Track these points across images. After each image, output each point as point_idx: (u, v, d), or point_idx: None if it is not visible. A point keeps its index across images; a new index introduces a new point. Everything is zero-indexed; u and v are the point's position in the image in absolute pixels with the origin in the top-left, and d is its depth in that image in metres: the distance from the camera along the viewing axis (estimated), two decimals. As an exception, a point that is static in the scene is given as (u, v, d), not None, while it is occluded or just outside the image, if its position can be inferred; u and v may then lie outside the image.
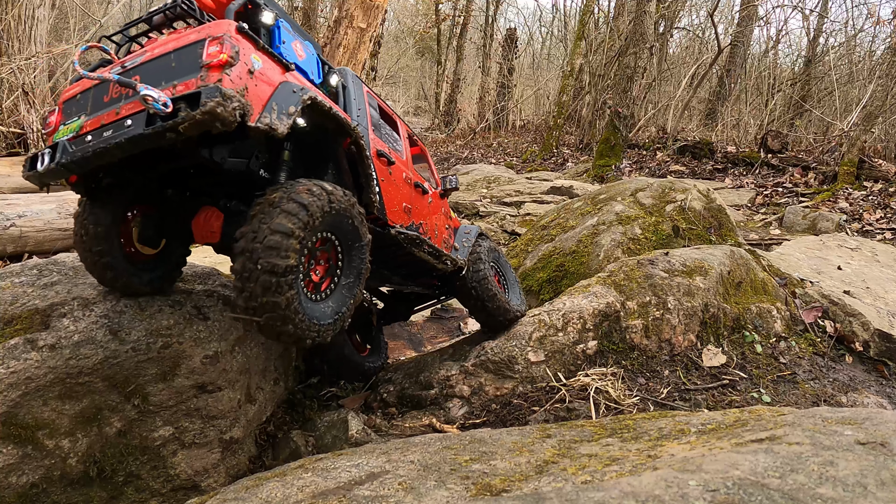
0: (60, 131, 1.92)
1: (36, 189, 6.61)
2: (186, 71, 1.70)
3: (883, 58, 12.76)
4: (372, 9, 6.99)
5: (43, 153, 1.84)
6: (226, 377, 2.29)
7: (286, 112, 1.79)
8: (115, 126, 1.72)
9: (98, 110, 1.84)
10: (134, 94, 1.70)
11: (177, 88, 1.68)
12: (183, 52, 1.74)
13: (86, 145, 1.75)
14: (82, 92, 1.93)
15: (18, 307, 2.05)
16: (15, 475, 1.88)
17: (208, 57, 1.66)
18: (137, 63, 1.84)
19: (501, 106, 22.44)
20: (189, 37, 1.77)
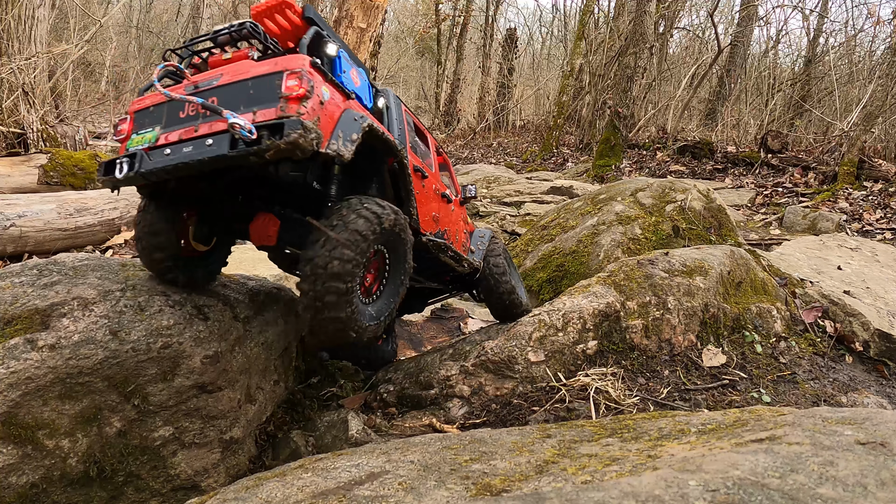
0: (134, 140, 2.06)
1: (35, 189, 6.61)
2: (265, 100, 1.87)
3: (883, 58, 12.76)
4: (372, 9, 6.99)
5: (121, 161, 1.97)
6: (226, 377, 2.29)
7: (350, 139, 1.98)
8: (195, 143, 1.87)
9: (174, 125, 1.98)
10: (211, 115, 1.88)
11: (257, 115, 1.85)
12: (261, 81, 1.90)
13: (165, 158, 1.90)
14: (155, 105, 2.06)
15: (18, 307, 2.06)
16: (15, 475, 1.88)
17: (287, 90, 1.84)
18: (214, 85, 1.98)
19: (501, 106, 22.45)
20: (266, 67, 1.92)
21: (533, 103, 23.38)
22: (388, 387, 3.00)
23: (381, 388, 3.02)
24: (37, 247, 5.44)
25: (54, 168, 6.91)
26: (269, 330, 2.72)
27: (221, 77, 1.99)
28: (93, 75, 19.13)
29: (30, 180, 6.77)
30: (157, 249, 2.21)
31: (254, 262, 4.66)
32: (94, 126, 13.92)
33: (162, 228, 2.20)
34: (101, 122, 14.72)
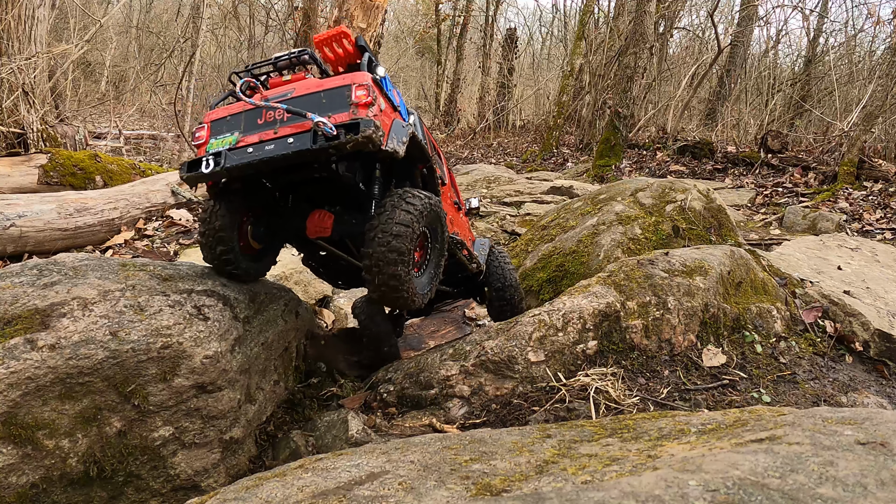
0: (213, 144, 2.35)
1: (35, 189, 6.61)
2: (338, 106, 2.23)
3: (883, 58, 12.76)
4: (372, 9, 6.99)
5: (206, 158, 2.24)
6: (226, 377, 2.29)
7: (402, 141, 2.35)
8: (276, 143, 2.19)
9: (253, 130, 2.29)
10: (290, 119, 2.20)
11: (332, 118, 2.18)
12: (333, 92, 2.27)
13: (248, 154, 2.20)
14: (231, 115, 2.37)
15: (18, 307, 2.06)
16: (15, 475, 1.88)
17: (357, 98, 2.21)
18: (288, 97, 2.32)
19: (501, 106, 22.45)
20: (336, 81, 2.29)
21: (533, 103, 23.38)
22: (388, 387, 3.00)
23: (381, 388, 3.02)
24: (37, 247, 5.44)
25: (54, 168, 6.91)
26: (269, 330, 2.72)
27: (294, 91, 2.33)
28: (93, 75, 19.12)
29: (30, 180, 6.77)
30: (221, 244, 2.50)
31: (254, 262, 4.67)
32: (94, 126, 13.92)
33: (226, 226, 2.47)
34: (101, 122, 14.72)
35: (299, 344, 3.20)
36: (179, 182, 7.22)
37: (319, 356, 3.36)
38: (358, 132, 2.08)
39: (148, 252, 5.78)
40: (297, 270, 4.47)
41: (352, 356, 3.56)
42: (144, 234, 6.26)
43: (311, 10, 16.70)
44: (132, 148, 12.83)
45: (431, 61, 28.00)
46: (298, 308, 3.14)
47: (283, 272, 4.38)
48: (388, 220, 2.26)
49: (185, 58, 17.20)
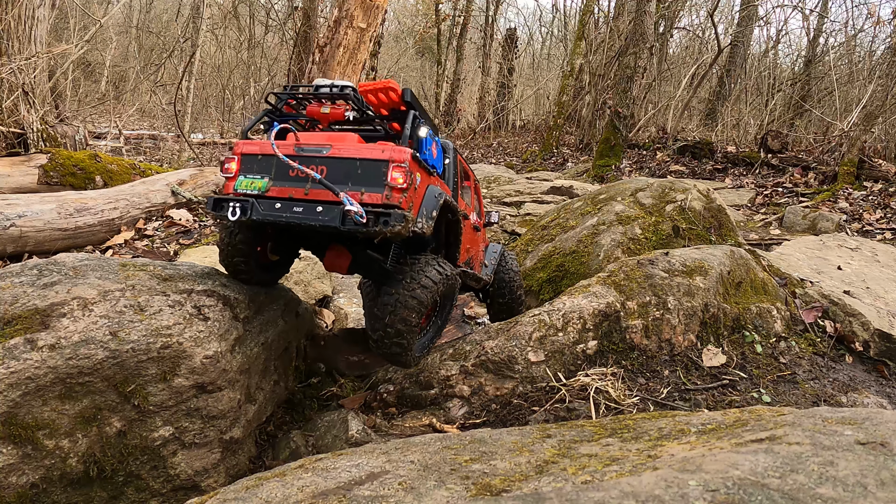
0: (242, 182, 2.30)
1: (35, 189, 6.61)
2: (372, 183, 2.15)
3: (883, 58, 12.76)
4: (372, 9, 6.99)
5: (233, 204, 2.21)
6: (226, 377, 2.29)
7: (431, 216, 2.31)
8: (305, 207, 2.14)
9: (284, 180, 2.23)
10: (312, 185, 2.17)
11: (364, 196, 2.13)
12: (369, 165, 2.16)
13: (276, 211, 2.17)
14: (264, 155, 2.29)
15: (18, 307, 2.06)
16: (15, 475, 1.88)
17: (392, 181, 2.12)
18: (323, 154, 2.22)
19: (501, 106, 22.45)
20: (374, 153, 2.18)
21: (533, 103, 23.38)
22: (388, 387, 3.00)
23: (381, 388, 3.02)
24: (37, 247, 5.44)
25: (54, 168, 6.91)
26: (269, 330, 2.72)
27: (330, 149, 2.23)
28: (93, 75, 19.12)
29: (30, 180, 6.77)
30: (239, 256, 2.57)
31: (254, 262, 4.67)
32: (94, 126, 13.92)
33: (246, 245, 2.55)
34: (101, 122, 14.72)
35: (299, 344, 3.20)
36: (179, 182, 7.22)
37: (319, 357, 3.36)
38: (388, 226, 2.06)
39: (148, 252, 5.78)
40: (297, 270, 4.47)
41: (351, 356, 3.56)
42: (144, 234, 6.26)
43: (311, 10, 16.70)
44: (132, 148, 12.83)
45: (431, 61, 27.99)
46: (298, 308, 3.14)
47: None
48: (404, 294, 2.30)
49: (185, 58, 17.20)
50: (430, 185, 2.38)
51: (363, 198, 2.13)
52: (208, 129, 18.16)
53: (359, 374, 3.35)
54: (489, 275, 3.54)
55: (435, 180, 2.48)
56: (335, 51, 6.93)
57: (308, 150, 2.25)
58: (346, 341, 3.71)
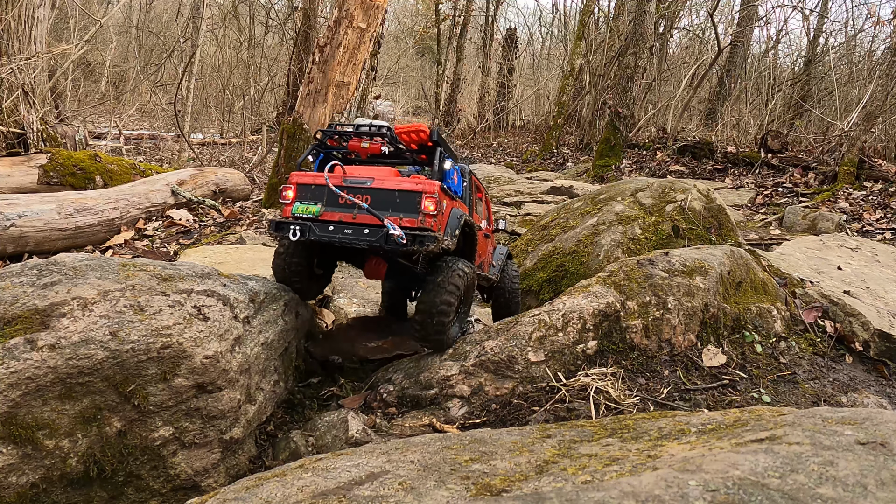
0: (298, 207, 2.71)
1: (35, 189, 6.61)
2: (409, 210, 2.60)
3: (883, 58, 12.76)
4: (372, 9, 6.99)
5: (293, 226, 2.62)
6: (226, 377, 2.29)
7: (454, 234, 2.75)
8: (354, 229, 2.59)
9: (334, 207, 2.67)
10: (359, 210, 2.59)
11: (402, 221, 2.57)
12: (406, 195, 2.62)
13: (329, 232, 2.61)
14: (316, 185, 2.71)
15: (18, 307, 2.05)
16: (15, 475, 1.88)
17: (425, 208, 2.58)
18: (367, 185, 2.65)
19: (501, 106, 22.45)
20: (409, 185, 2.64)
21: (533, 103, 23.37)
22: (388, 387, 3.00)
23: (381, 388, 3.02)
24: (37, 247, 5.44)
25: (54, 168, 6.91)
26: (269, 330, 2.72)
27: (373, 181, 2.67)
28: (93, 75, 19.12)
29: (30, 180, 6.77)
30: (294, 275, 3.03)
31: (254, 262, 4.66)
32: (94, 126, 13.92)
33: (301, 262, 3.02)
34: (101, 122, 14.72)
35: (299, 344, 3.20)
36: (179, 182, 7.22)
37: (332, 350, 3.36)
38: (423, 245, 2.54)
39: (148, 252, 5.78)
40: (297, 270, 4.47)
41: (369, 342, 3.57)
42: (144, 234, 6.26)
43: (311, 10, 16.70)
44: (132, 148, 12.83)
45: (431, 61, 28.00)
46: (298, 308, 3.14)
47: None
48: (444, 280, 2.77)
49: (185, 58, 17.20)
50: (454, 208, 2.84)
51: (402, 222, 2.57)
52: (208, 129, 18.16)
53: (381, 357, 3.38)
54: (496, 274, 3.86)
55: (457, 203, 2.96)
56: (335, 51, 6.93)
57: (354, 181, 2.68)
58: (360, 330, 3.73)
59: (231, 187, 7.98)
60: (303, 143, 7.04)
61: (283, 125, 7.32)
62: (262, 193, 7.86)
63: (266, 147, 12.28)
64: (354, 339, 3.59)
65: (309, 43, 15.36)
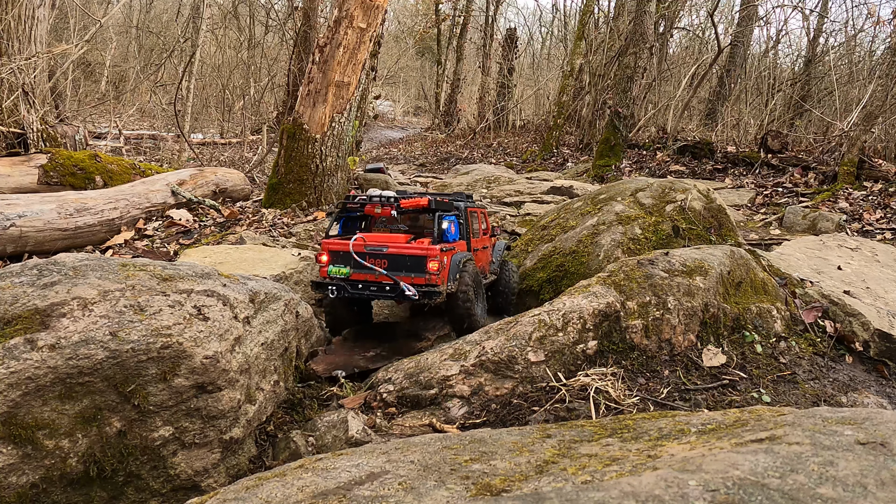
0: (332, 269, 3.37)
1: (35, 189, 6.61)
2: (417, 270, 3.27)
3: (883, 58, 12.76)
4: (372, 9, 6.99)
5: (331, 287, 3.31)
6: (226, 377, 2.29)
7: (455, 279, 3.41)
8: (377, 286, 3.27)
9: (360, 269, 3.33)
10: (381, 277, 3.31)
11: (414, 279, 3.24)
12: (415, 259, 3.28)
13: (359, 290, 3.29)
14: (343, 252, 3.36)
15: (18, 307, 2.05)
16: (15, 475, 1.88)
17: (430, 269, 3.25)
18: (384, 252, 3.32)
19: (501, 106, 22.44)
20: (417, 250, 3.29)
21: (533, 103, 23.37)
22: (388, 387, 3.00)
23: (381, 388, 3.02)
24: (37, 247, 5.44)
25: (54, 168, 6.91)
26: (269, 330, 2.72)
27: (388, 248, 3.32)
28: (93, 75, 19.12)
29: (30, 180, 6.77)
30: (341, 320, 3.79)
31: (254, 262, 4.66)
32: (94, 126, 13.92)
33: (343, 310, 3.76)
34: (101, 122, 14.72)
35: (299, 344, 3.20)
36: (179, 182, 7.22)
37: (333, 365, 3.34)
38: (431, 298, 3.26)
39: (148, 252, 5.78)
40: (297, 270, 4.47)
41: (367, 351, 3.57)
42: (144, 234, 6.26)
43: (311, 10, 16.69)
44: (132, 148, 12.83)
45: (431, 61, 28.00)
46: (298, 308, 3.15)
47: (283, 272, 4.37)
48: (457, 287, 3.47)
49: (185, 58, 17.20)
50: (453, 255, 3.46)
51: (413, 279, 3.23)
52: (208, 129, 18.16)
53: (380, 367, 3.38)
54: (496, 269, 4.34)
55: (456, 247, 3.56)
56: (335, 51, 6.93)
57: (373, 248, 3.33)
58: (356, 341, 3.73)
59: (231, 187, 7.98)
60: (303, 142, 7.04)
61: (283, 125, 7.32)
62: (262, 193, 7.86)
63: (266, 147, 12.28)
64: (352, 350, 3.59)
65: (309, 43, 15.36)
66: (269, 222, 6.61)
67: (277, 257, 4.78)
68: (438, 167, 16.55)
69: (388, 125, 28.32)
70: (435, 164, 17.16)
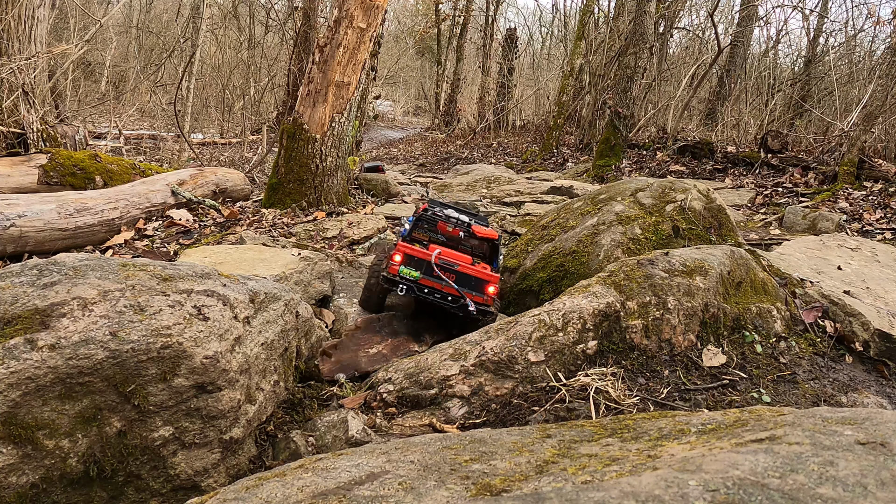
0: (403, 270, 3.62)
1: (35, 189, 6.61)
2: (478, 289, 3.64)
3: (883, 58, 12.75)
4: (372, 9, 6.99)
5: (401, 285, 3.59)
6: (226, 377, 2.29)
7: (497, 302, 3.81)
8: (441, 294, 3.60)
9: (429, 276, 3.62)
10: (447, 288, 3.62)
11: (475, 297, 3.59)
12: (479, 280, 3.65)
13: (425, 294, 3.60)
14: (417, 257, 3.66)
15: (18, 307, 2.05)
16: (15, 475, 1.88)
17: (488, 293, 3.63)
18: (455, 268, 3.65)
19: (501, 106, 22.43)
20: (481, 273, 3.66)
21: (533, 103, 23.36)
22: (388, 387, 3.00)
23: (381, 388, 3.02)
24: (37, 247, 5.44)
25: (54, 168, 6.91)
26: (269, 330, 2.72)
27: (459, 266, 3.65)
28: (93, 75, 19.12)
29: (30, 180, 6.77)
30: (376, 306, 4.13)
31: (254, 262, 4.66)
32: (94, 126, 13.92)
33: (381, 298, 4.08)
34: (101, 122, 14.72)
35: (299, 344, 3.20)
36: (179, 182, 7.22)
37: (339, 367, 3.34)
38: (486, 317, 3.60)
39: (148, 252, 5.77)
40: (297, 270, 4.46)
41: (370, 348, 3.57)
42: (144, 234, 6.26)
43: (311, 10, 16.69)
44: (132, 148, 12.83)
45: (431, 61, 27.99)
46: (298, 308, 3.14)
47: (283, 272, 4.37)
48: None
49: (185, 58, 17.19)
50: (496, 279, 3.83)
51: (473, 297, 3.58)
52: (208, 129, 18.16)
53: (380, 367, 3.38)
54: None
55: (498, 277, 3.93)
56: (335, 51, 6.92)
57: (446, 262, 3.65)
58: (359, 339, 3.73)
59: (231, 187, 7.97)
60: (303, 142, 7.04)
61: (283, 125, 7.31)
62: (262, 193, 7.85)
63: (266, 147, 12.28)
64: (356, 349, 3.60)
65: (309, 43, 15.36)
66: (269, 222, 6.61)
67: (277, 257, 4.78)
68: (438, 167, 16.55)
69: (388, 125, 28.33)
70: (435, 164, 17.16)
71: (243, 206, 7.53)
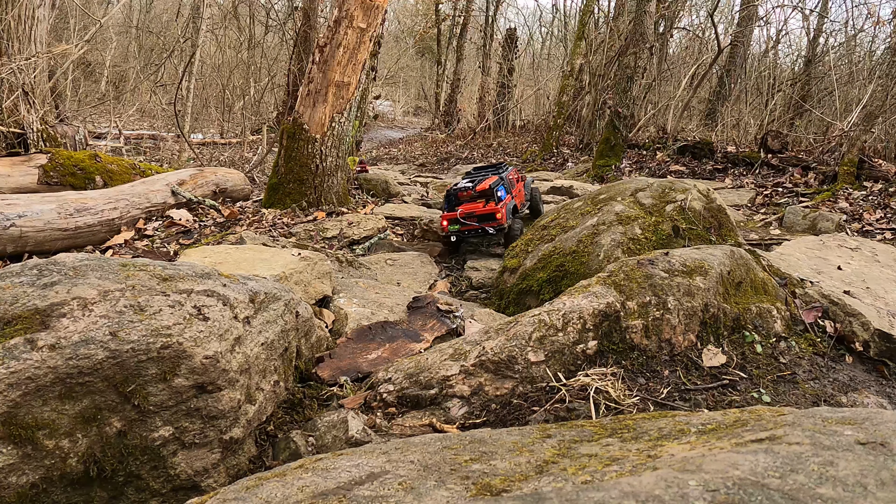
0: (450, 227, 5.88)
1: (35, 189, 6.61)
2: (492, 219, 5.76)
3: (883, 58, 12.75)
4: (372, 9, 6.99)
5: (452, 236, 5.96)
6: (226, 377, 2.29)
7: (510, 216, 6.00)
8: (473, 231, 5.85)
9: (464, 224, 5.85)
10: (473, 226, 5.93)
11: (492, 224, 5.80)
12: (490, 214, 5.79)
13: (465, 235, 5.90)
14: (452, 219, 5.88)
15: (18, 307, 2.05)
16: (15, 475, 1.88)
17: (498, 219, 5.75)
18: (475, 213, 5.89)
19: (501, 106, 22.43)
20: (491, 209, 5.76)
21: (533, 103, 23.35)
22: (388, 387, 3.00)
23: (381, 388, 3.02)
24: (37, 247, 5.43)
25: (54, 168, 6.91)
26: (269, 330, 2.72)
27: (476, 211, 5.74)
28: (93, 75, 19.12)
29: (30, 180, 6.77)
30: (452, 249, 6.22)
31: (254, 262, 4.66)
32: (94, 126, 13.92)
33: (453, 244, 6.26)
34: (101, 122, 14.72)
35: (299, 344, 3.20)
36: (179, 182, 7.22)
37: (339, 371, 3.34)
38: (502, 232, 5.76)
39: (148, 252, 5.77)
40: (297, 270, 4.46)
41: (368, 354, 3.57)
42: (144, 234, 6.26)
43: (311, 10, 16.69)
44: (132, 148, 12.83)
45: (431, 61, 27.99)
46: (298, 308, 3.14)
47: (283, 272, 4.37)
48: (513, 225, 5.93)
49: (185, 58, 17.19)
50: (507, 205, 5.82)
51: (492, 224, 5.68)
52: (208, 129, 18.15)
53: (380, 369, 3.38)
54: (527, 199, 6.83)
55: (508, 199, 5.92)
56: (335, 51, 6.92)
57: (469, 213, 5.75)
58: (357, 343, 3.72)
59: (231, 187, 7.97)
60: (303, 142, 7.03)
61: (283, 125, 7.31)
62: (262, 193, 7.85)
63: (266, 147, 12.27)
64: (357, 352, 3.59)
65: (309, 43, 15.35)
66: (269, 222, 6.61)
67: (277, 257, 4.78)
68: (438, 167, 16.55)
69: (388, 125, 28.31)
70: (435, 164, 17.16)
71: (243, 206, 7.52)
